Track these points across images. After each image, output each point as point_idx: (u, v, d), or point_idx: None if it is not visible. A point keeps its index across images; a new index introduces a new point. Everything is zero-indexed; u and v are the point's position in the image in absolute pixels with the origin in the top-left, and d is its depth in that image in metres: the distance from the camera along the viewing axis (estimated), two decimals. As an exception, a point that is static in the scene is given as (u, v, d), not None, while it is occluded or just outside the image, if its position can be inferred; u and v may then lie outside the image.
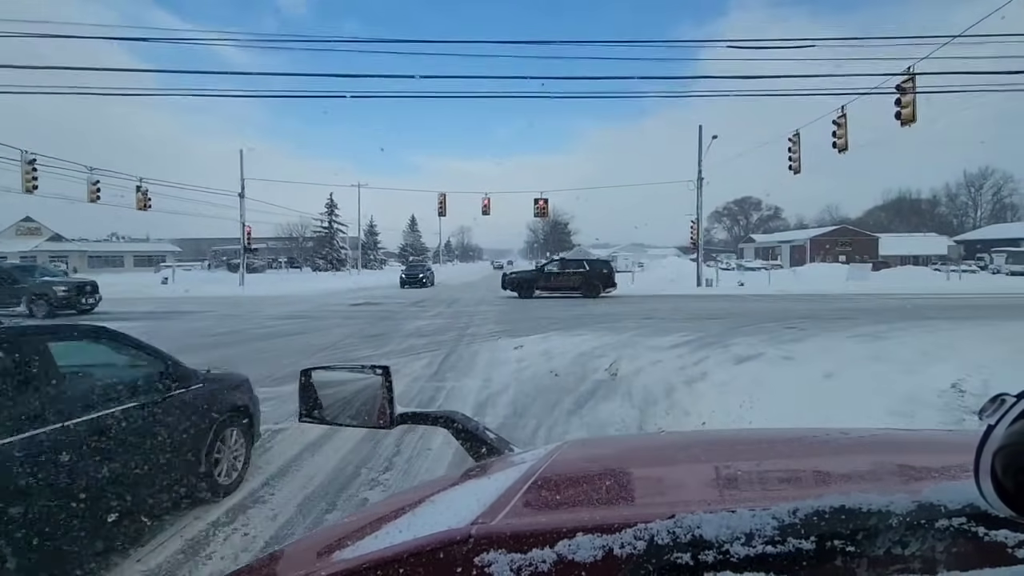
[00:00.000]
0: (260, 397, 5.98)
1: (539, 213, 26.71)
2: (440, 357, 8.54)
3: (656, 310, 16.40)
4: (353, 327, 12.37)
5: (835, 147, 14.31)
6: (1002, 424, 0.47)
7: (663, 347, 9.55)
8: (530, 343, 9.85)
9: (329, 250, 58.61)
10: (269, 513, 3.51)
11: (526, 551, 0.53)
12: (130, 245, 70.29)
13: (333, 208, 60.22)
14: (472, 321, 13.50)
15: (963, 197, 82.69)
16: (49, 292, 16.02)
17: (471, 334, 11.12)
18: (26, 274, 17.21)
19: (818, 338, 10.55)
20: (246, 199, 32.34)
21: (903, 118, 11.60)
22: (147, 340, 3.55)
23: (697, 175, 26.17)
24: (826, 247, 59.22)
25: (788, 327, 12.10)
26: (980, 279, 34.34)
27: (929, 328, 11.74)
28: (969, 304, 18.12)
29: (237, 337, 10.67)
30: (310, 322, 13.55)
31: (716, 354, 8.90)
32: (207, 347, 9.61)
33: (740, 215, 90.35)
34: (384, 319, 14.33)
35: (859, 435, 1.05)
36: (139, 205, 22.76)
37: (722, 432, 2.57)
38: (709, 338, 10.55)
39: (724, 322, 13.17)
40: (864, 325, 12.40)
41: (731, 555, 0.51)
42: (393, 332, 11.52)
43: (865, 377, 6.93)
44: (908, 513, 0.52)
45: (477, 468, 1.04)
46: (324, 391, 1.27)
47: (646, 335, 10.93)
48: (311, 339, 10.44)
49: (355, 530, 0.77)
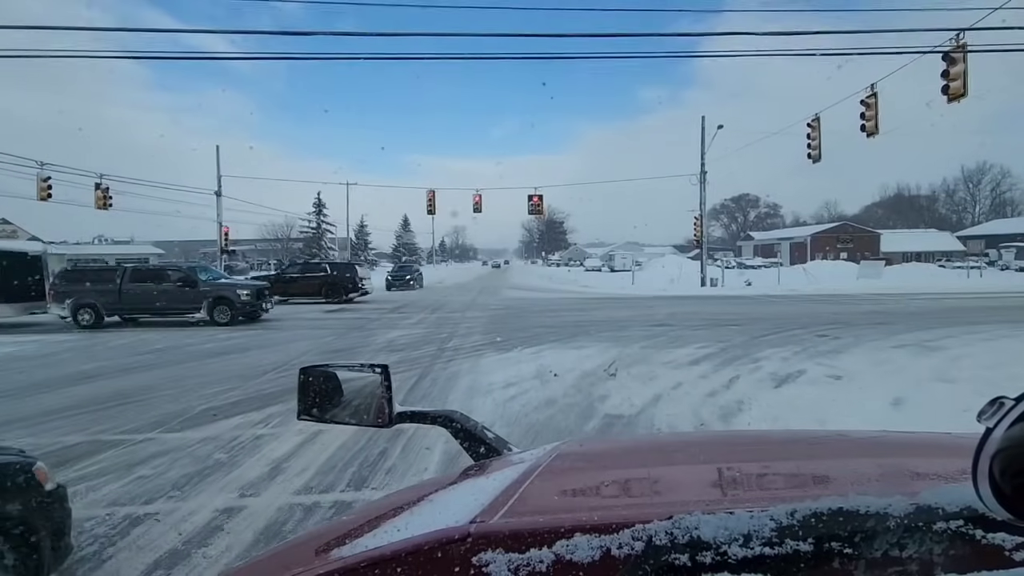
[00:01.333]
0: (148, 451, 4.38)
1: (534, 210, 25.12)
2: (409, 383, 6.90)
3: (663, 315, 14.83)
4: (316, 340, 10.68)
5: (863, 131, 12.76)
6: (1000, 427, 0.46)
7: (681, 363, 7.96)
8: (522, 361, 8.22)
9: (317, 251, 56.70)
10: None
11: (524, 551, 0.53)
12: (112, 248, 68.06)
13: (321, 207, 58.34)
14: (456, 331, 11.84)
15: (961, 193, 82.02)
16: (232, 296, 13.82)
17: (453, 348, 9.47)
18: (204, 274, 14.70)
19: (859, 348, 9.01)
20: (229, 199, 30.72)
21: (951, 92, 10.05)
22: (69, 358, 1.89)
23: (700, 168, 24.63)
24: (827, 244, 57.99)
25: (819, 335, 10.54)
26: (996, 276, 33.04)
27: (982, 334, 10.24)
28: (1005, 305, 16.69)
29: (173, 355, 8.97)
30: (268, 333, 11.83)
31: (747, 372, 7.32)
32: (125, 370, 7.92)
33: (737, 212, 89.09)
34: (356, 329, 12.64)
35: (857, 437, 1.10)
36: (98, 204, 20.94)
37: (721, 433, 2.94)
38: (732, 350, 8.96)
39: (743, 329, 11.59)
40: (903, 331, 10.87)
41: (729, 556, 0.50)
42: (361, 346, 9.86)
43: (943, 404, 5.41)
44: (906, 515, 0.52)
45: (476, 467, 1.04)
46: (322, 390, 1.24)
47: (659, 347, 9.33)
48: (260, 357, 8.76)
49: (354, 528, 0.76)
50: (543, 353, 8.77)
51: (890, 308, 16.16)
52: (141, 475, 3.99)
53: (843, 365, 7.81)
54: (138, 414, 5.55)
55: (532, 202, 24.73)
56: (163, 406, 5.84)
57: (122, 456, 4.37)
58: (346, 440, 4.67)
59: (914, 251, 56.98)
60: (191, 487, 3.78)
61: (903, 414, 5.55)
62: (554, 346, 9.50)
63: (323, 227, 58.54)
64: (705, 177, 24.69)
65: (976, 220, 75.49)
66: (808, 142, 15.01)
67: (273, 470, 4.07)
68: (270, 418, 5.36)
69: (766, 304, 18.27)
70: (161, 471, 4.06)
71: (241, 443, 4.67)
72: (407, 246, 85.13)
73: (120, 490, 3.75)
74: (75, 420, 5.40)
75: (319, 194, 58.54)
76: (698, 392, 6.35)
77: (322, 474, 3.99)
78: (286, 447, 4.55)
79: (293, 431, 4.87)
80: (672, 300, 20.22)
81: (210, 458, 4.31)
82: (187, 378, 7.30)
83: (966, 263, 40.39)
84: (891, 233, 62.45)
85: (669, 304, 18.34)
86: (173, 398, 6.19)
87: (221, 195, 30.35)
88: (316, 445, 4.58)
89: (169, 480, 3.89)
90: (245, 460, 4.28)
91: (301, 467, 4.12)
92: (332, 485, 3.80)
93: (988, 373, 6.84)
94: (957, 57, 9.91)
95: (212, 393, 6.39)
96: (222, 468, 4.12)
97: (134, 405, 5.93)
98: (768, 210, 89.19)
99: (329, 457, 4.31)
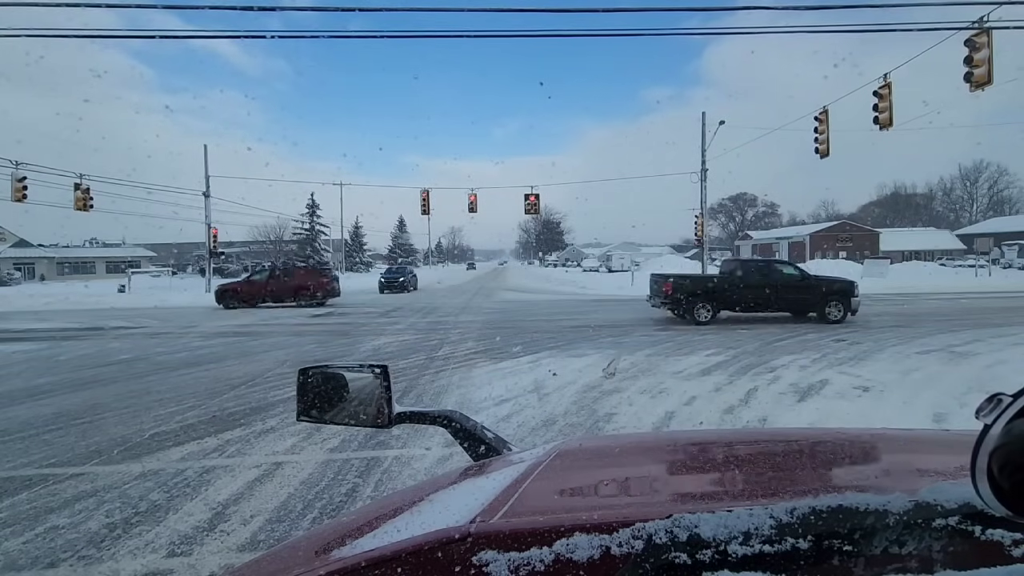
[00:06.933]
0: (56, 497, 3.64)
1: (530, 208, 24.38)
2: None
3: (666, 317, 14.17)
4: (296, 349, 9.93)
5: (876, 123, 12.10)
6: (998, 424, 0.46)
7: (692, 372, 7.28)
8: (518, 371, 7.53)
9: (311, 252, 55.85)
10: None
11: (524, 550, 0.53)
12: (102, 251, 67.03)
13: (314, 208, 57.50)
14: (448, 337, 11.12)
15: (958, 191, 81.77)
16: None
17: (443, 357, 8.76)
18: None
19: (881, 355, 8.36)
20: (220, 200, 29.87)
21: (975, 80, 9.40)
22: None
23: (701, 165, 23.97)
24: (826, 243, 57.51)
25: (835, 339, 9.89)
26: (1002, 275, 32.48)
27: (1010, 338, 9.60)
28: (1022, 305, 16.07)
29: (135, 368, 8.18)
30: (247, 341, 11.07)
31: (764, 383, 6.65)
32: (77, 385, 7.17)
33: (735, 212, 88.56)
34: (341, 335, 11.90)
35: (856, 435, 1.07)
36: (77, 205, 20.10)
37: (720, 431, 2.86)
38: (745, 357, 8.29)
39: (754, 333, 10.93)
40: (925, 335, 10.23)
41: (729, 554, 0.51)
42: (343, 356, 9.14)
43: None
44: (905, 512, 0.52)
45: (476, 467, 1.03)
46: (321, 390, 1.23)
47: (665, 354, 8.65)
48: (232, 369, 8.01)
49: (354, 528, 0.76)
50: (541, 362, 8.07)
51: (904, 309, 15.51)
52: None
53: (867, 373, 7.16)
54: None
55: (528, 201, 24.03)
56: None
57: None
58: (311, 475, 3.97)
59: (913, 249, 56.58)
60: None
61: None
62: (552, 353, 8.80)
63: (317, 228, 57.65)
64: (706, 175, 24.03)
65: (974, 218, 75.28)
66: (816, 136, 14.37)
67: (217, 515, 3.37)
68: (222, 447, 4.64)
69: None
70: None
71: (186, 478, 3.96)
72: (403, 247, 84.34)
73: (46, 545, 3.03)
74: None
75: (312, 195, 57.75)
76: (714, 408, 5.67)
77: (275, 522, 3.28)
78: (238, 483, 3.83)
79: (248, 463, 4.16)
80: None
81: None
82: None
83: (968, 261, 39.95)
84: (890, 231, 62.08)
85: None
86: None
87: (209, 196, 29.54)
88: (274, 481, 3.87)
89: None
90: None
91: (251, 511, 3.41)
92: (284, 538, 3.09)
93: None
94: (981, 42, 9.27)
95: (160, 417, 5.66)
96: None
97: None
98: (766, 209, 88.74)
99: (288, 497, 3.61)
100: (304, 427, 4.94)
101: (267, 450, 4.53)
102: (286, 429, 5.04)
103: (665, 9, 10.30)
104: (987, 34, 9.30)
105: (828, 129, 14.41)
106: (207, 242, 29.96)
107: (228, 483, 3.87)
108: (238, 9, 8.27)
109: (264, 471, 4.06)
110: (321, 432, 4.86)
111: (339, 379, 1.23)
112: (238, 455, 4.43)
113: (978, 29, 9.34)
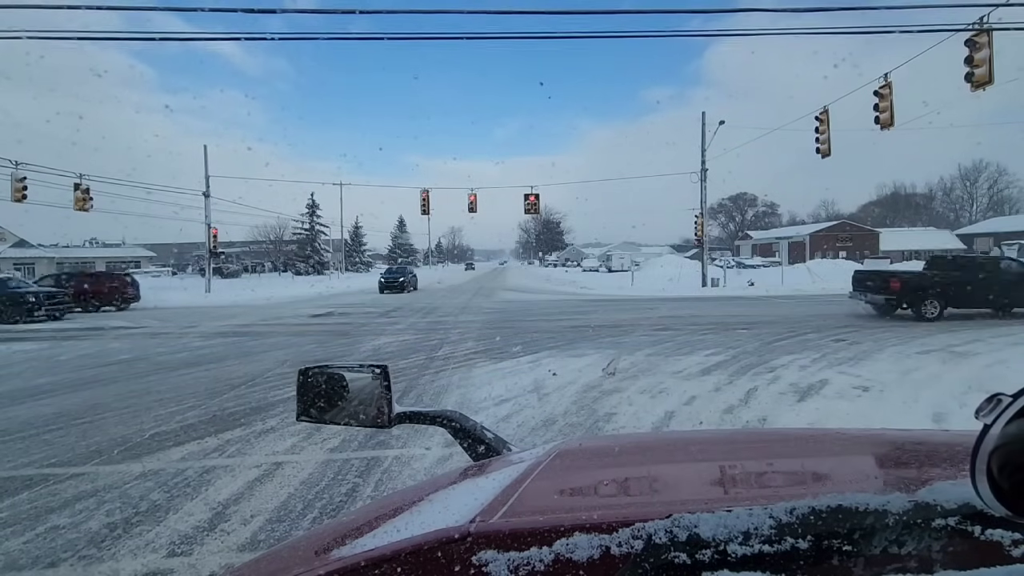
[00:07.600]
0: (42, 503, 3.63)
1: (530, 208, 24.39)
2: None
3: (667, 317, 14.17)
4: (295, 349, 9.93)
5: (877, 122, 12.10)
6: (998, 424, 0.46)
7: (692, 372, 7.28)
8: (518, 371, 7.53)
9: (311, 252, 55.87)
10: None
11: (524, 550, 0.53)
12: (102, 251, 67.01)
13: (314, 208, 57.50)
14: (448, 337, 11.12)
15: (958, 191, 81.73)
16: None
17: (443, 357, 8.76)
18: None
19: (882, 355, 8.35)
20: (220, 200, 29.90)
21: (976, 80, 9.40)
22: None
23: (701, 165, 23.97)
24: (826, 243, 57.50)
25: (835, 339, 9.89)
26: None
27: (1009, 338, 9.61)
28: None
29: (135, 368, 8.19)
30: (248, 341, 11.07)
31: (764, 383, 6.65)
32: (78, 385, 7.18)
33: (735, 211, 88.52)
34: (341, 335, 11.90)
35: (856, 435, 1.09)
36: (78, 205, 20.11)
37: (720, 431, 2.92)
38: (745, 357, 8.29)
39: (754, 333, 10.93)
40: (925, 335, 10.23)
41: (728, 554, 0.50)
42: (343, 356, 9.14)
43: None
44: (904, 512, 0.52)
45: (475, 467, 1.03)
46: (321, 390, 1.23)
47: (665, 354, 8.65)
48: (231, 369, 8.01)
49: (354, 528, 0.76)
50: (541, 362, 8.08)
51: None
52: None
53: (867, 372, 7.17)
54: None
55: (528, 201, 24.04)
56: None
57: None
58: (311, 475, 3.97)
59: (913, 249, 56.55)
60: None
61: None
62: (552, 353, 8.81)
63: (316, 228, 57.67)
64: (706, 175, 24.04)
65: (974, 218, 75.21)
66: (817, 136, 14.37)
67: (217, 515, 3.37)
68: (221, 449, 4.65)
69: (772, 305, 17.62)
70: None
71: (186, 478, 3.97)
72: (403, 247, 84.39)
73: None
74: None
75: (312, 195, 57.79)
76: (714, 408, 5.68)
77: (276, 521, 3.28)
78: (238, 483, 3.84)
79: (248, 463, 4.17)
80: (674, 302, 19.54)
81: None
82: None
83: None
84: (890, 231, 62.06)
85: (671, 306, 17.67)
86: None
87: (209, 196, 29.57)
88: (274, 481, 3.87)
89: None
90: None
91: (251, 511, 3.41)
92: (285, 538, 3.10)
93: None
94: (981, 42, 9.27)
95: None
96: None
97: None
98: (766, 209, 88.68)
99: (288, 497, 3.61)
100: (304, 427, 4.95)
101: (267, 450, 4.53)
102: (286, 429, 5.04)
103: (665, 11, 10.31)
104: (987, 34, 9.30)
105: (829, 129, 14.40)
106: (207, 242, 29.99)
107: (228, 483, 3.87)
108: (240, 11, 8.29)
109: (264, 471, 4.07)
110: (321, 432, 4.86)
111: (339, 379, 1.23)
112: (238, 455, 4.43)
113: (978, 29, 9.34)
